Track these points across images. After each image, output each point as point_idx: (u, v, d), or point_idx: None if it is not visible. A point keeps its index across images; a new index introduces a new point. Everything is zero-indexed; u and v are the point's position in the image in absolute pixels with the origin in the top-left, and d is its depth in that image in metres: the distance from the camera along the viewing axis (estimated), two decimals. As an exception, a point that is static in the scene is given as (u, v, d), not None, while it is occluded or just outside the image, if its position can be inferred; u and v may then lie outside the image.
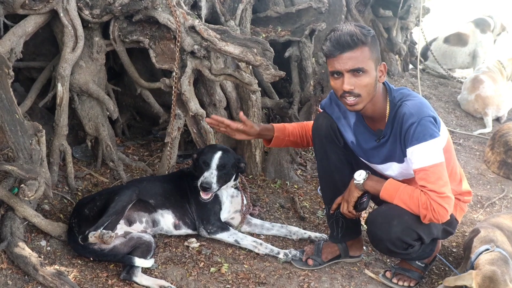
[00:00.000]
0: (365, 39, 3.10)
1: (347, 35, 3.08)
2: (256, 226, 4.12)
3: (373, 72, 3.15)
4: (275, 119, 5.52)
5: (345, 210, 3.50)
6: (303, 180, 5.00)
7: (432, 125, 3.15)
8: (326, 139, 3.63)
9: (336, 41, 3.10)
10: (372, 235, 3.44)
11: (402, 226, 3.27)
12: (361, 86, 3.14)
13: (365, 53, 3.10)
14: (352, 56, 3.09)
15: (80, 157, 4.58)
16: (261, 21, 5.58)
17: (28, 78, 4.57)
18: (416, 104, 3.21)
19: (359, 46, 3.09)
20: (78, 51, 4.02)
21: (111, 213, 3.48)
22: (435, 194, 3.12)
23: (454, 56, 9.33)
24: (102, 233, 3.28)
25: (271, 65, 3.98)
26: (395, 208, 3.28)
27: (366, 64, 3.11)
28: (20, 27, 3.84)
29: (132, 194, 3.65)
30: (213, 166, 3.76)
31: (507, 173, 5.81)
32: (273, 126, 3.77)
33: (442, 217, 3.15)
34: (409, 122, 3.16)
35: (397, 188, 3.28)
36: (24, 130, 3.42)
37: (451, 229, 3.60)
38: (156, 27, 4.19)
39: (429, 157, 3.14)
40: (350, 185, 3.48)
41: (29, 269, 3.21)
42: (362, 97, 3.17)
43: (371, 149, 3.47)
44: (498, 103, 7.39)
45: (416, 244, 3.41)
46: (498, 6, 13.02)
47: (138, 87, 4.56)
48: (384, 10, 7.49)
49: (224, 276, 3.56)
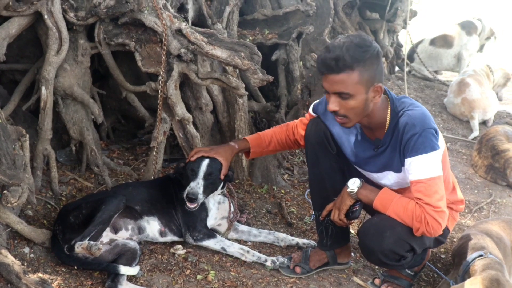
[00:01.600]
0: (354, 63, 2.96)
1: (333, 59, 2.96)
2: (243, 233, 4.07)
3: (361, 95, 3.05)
4: (262, 122, 5.48)
5: (336, 218, 3.45)
6: (290, 185, 4.97)
7: (433, 138, 3.11)
8: (318, 145, 3.59)
9: (322, 61, 3.02)
10: (364, 247, 3.40)
11: (394, 237, 3.23)
12: (346, 108, 3.08)
13: (352, 78, 2.99)
14: (336, 80, 3.01)
15: (64, 161, 4.50)
16: (248, 24, 5.53)
17: (11, 80, 4.49)
18: (419, 115, 3.15)
19: (344, 71, 2.97)
20: (63, 53, 3.95)
21: (97, 222, 3.41)
22: (430, 208, 3.08)
23: (439, 58, 9.38)
24: (90, 245, 3.21)
25: (259, 69, 3.94)
26: (388, 219, 3.24)
27: (352, 88, 3.01)
28: (3, 29, 3.76)
29: (119, 203, 3.58)
30: (200, 175, 3.68)
31: (495, 177, 5.81)
32: (249, 142, 3.75)
33: (435, 231, 3.11)
34: (411, 133, 3.10)
35: (391, 199, 3.24)
36: (7, 134, 3.35)
37: (443, 238, 3.57)
38: (142, 30, 4.13)
39: (427, 170, 3.10)
40: (342, 193, 3.43)
41: (12, 277, 3.13)
42: (349, 118, 3.13)
43: (368, 158, 3.42)
44: (484, 106, 7.42)
45: (409, 256, 3.37)
46: (488, 11, 13.09)
47: (123, 90, 4.49)
48: (371, 13, 7.47)
49: (210, 283, 3.51)
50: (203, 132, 4.67)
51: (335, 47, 2.99)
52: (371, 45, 3.03)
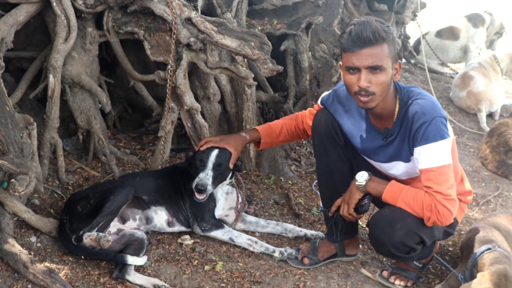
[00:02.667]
0: (386, 36, 3.01)
1: (369, 30, 2.98)
2: (251, 224, 4.05)
3: (389, 70, 3.07)
4: (269, 113, 5.45)
5: (345, 213, 3.42)
6: (298, 176, 4.94)
7: (443, 126, 3.09)
8: (326, 136, 3.56)
9: (357, 35, 2.99)
10: (375, 239, 3.38)
11: (405, 229, 3.21)
12: (377, 83, 3.05)
13: (384, 50, 3.02)
14: (372, 53, 3.00)
15: (71, 150, 4.48)
16: (256, 13, 5.49)
17: (18, 68, 4.45)
18: (428, 103, 3.13)
19: (379, 42, 3.00)
20: (71, 41, 3.91)
21: (106, 213, 3.40)
22: (440, 196, 3.06)
23: (446, 50, 9.31)
24: (99, 236, 3.19)
25: (268, 59, 3.90)
26: (398, 211, 3.22)
27: (385, 61, 3.03)
28: (11, 16, 3.72)
29: (128, 194, 3.56)
30: (209, 166, 3.66)
31: (506, 173, 5.77)
32: (260, 132, 3.72)
33: (446, 219, 3.09)
34: (421, 121, 3.08)
35: (400, 190, 3.21)
36: (15, 123, 3.33)
37: (452, 230, 3.55)
38: (151, 18, 4.10)
39: (437, 158, 3.07)
40: (351, 187, 3.40)
41: (19, 266, 3.13)
42: (376, 95, 3.09)
43: (377, 148, 3.40)
44: (490, 98, 7.36)
45: (418, 248, 3.35)
46: (501, 5, 13.00)
47: (131, 79, 4.46)
48: (379, 4, 7.40)
49: (218, 274, 3.50)
50: (211, 122, 4.64)
51: (364, 23, 3.01)
52: (388, 26, 3.09)
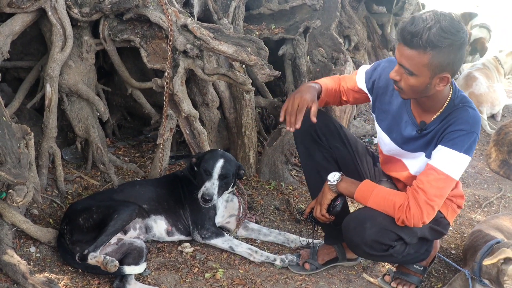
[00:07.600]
0: (428, 46, 2.79)
1: (410, 33, 2.81)
2: (253, 231, 4.02)
3: (424, 78, 2.90)
4: (269, 118, 5.43)
5: (318, 214, 3.40)
6: (298, 181, 4.92)
7: (473, 144, 3.04)
8: (308, 139, 3.55)
9: (401, 31, 2.87)
10: (348, 241, 3.34)
11: (376, 227, 3.16)
12: (405, 83, 2.96)
13: (421, 59, 2.83)
14: (407, 54, 2.87)
15: (69, 159, 4.47)
16: (254, 18, 5.47)
17: (15, 78, 4.44)
18: (477, 117, 3.06)
19: (416, 49, 2.82)
20: (67, 50, 3.91)
21: (110, 232, 3.38)
22: (424, 195, 3.01)
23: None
24: (106, 261, 3.17)
25: (266, 64, 3.90)
26: (367, 210, 3.20)
27: (417, 69, 2.87)
28: (7, 26, 3.72)
29: (132, 213, 3.52)
30: (215, 176, 3.68)
31: (508, 173, 5.74)
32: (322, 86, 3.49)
33: (415, 220, 3.03)
34: (460, 127, 3.01)
35: (371, 190, 3.18)
36: (12, 133, 3.31)
37: (441, 229, 3.44)
38: (148, 25, 4.09)
39: (449, 166, 3.02)
40: (323, 187, 3.38)
41: (18, 277, 3.12)
42: (405, 92, 3.01)
43: (408, 138, 3.30)
44: (492, 100, 7.32)
45: (397, 244, 3.26)
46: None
47: (129, 87, 4.45)
48: (378, 7, 7.39)
49: (219, 282, 3.48)
50: (210, 128, 4.63)
51: (419, 22, 2.80)
52: (457, 33, 2.81)
